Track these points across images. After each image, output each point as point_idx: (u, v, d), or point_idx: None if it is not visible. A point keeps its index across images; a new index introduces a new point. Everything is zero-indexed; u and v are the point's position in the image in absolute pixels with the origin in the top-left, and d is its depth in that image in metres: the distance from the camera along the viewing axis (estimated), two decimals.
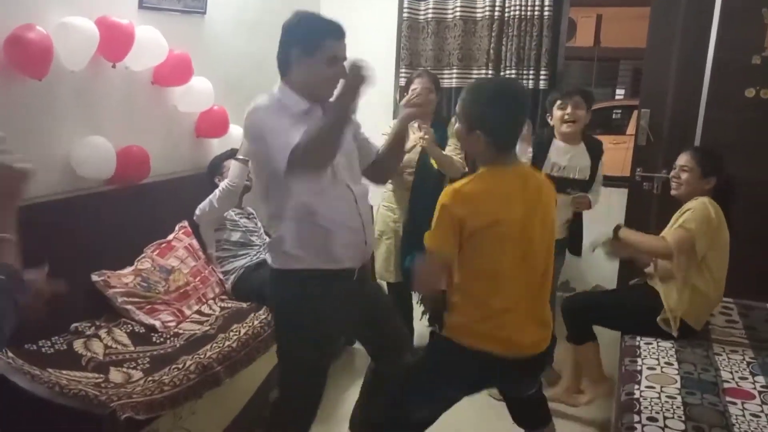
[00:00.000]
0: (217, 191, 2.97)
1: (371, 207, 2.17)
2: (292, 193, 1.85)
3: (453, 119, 3.31)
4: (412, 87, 2.92)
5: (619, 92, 10.41)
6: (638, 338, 2.53)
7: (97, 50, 2.55)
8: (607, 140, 7.67)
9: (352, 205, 1.94)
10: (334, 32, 1.84)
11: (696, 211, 2.51)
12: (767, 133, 3.39)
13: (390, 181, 3.05)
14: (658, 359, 2.36)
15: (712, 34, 3.43)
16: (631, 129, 7.45)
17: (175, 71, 2.97)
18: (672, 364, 2.32)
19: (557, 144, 2.97)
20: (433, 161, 2.91)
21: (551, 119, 3.02)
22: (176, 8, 3.04)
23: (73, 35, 2.44)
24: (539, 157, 2.92)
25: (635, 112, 7.06)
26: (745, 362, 2.35)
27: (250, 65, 3.58)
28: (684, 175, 2.63)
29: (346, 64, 1.78)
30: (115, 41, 2.61)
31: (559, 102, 2.94)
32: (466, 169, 2.91)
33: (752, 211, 3.37)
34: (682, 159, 2.67)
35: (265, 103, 1.88)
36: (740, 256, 2.74)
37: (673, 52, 3.54)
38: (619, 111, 8.63)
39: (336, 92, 1.81)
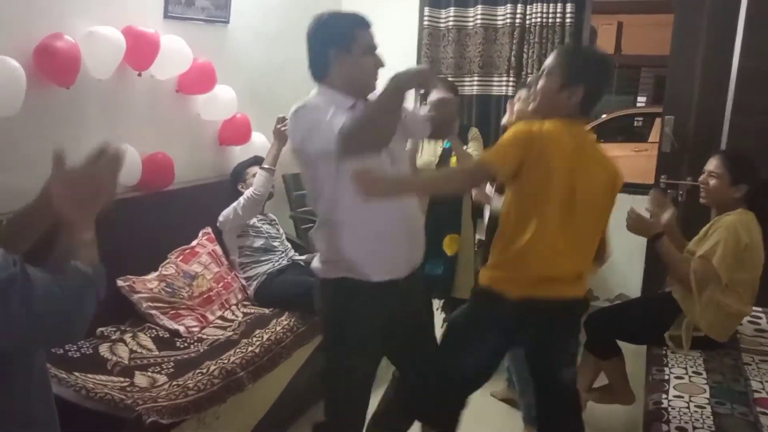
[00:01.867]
0: (241, 199, 2.99)
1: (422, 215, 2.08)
2: (341, 196, 1.79)
3: (473, 128, 3.32)
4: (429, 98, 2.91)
5: (641, 100, 10.30)
6: (664, 348, 2.48)
7: (124, 59, 2.59)
8: (629, 148, 7.68)
9: (403, 212, 1.88)
10: (362, 22, 1.83)
11: (723, 240, 2.34)
12: None
13: None
14: (686, 368, 2.32)
15: (737, 40, 3.39)
16: (653, 137, 7.38)
17: (199, 80, 3.00)
18: (700, 374, 2.28)
19: None
20: (452, 164, 2.91)
21: None
22: (200, 17, 3.08)
23: (101, 44, 2.48)
24: None
25: (657, 120, 7.02)
26: None
27: (273, 73, 3.61)
28: (712, 182, 2.49)
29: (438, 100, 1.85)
30: (141, 50, 2.65)
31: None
32: None
33: None
34: (712, 164, 2.53)
35: (307, 102, 1.83)
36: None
37: (698, 58, 3.50)
38: (641, 119, 8.53)
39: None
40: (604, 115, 8.23)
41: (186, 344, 2.53)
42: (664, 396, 2.12)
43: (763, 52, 3.32)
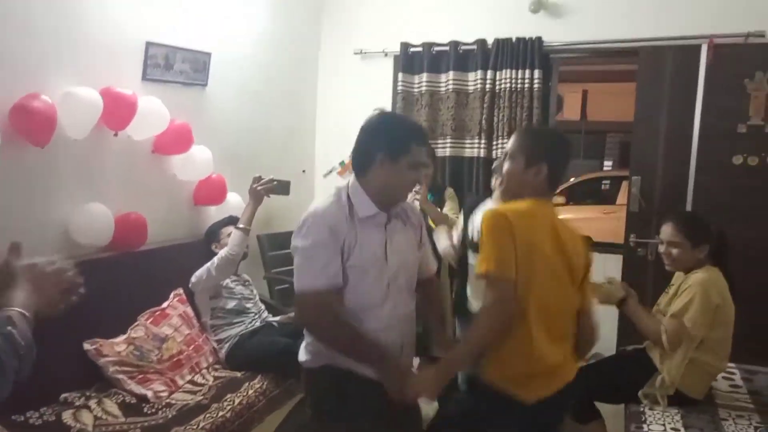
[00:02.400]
0: (215, 259, 2.96)
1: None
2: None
3: (449, 188, 3.38)
4: None
5: (607, 164, 10.62)
6: (642, 405, 2.47)
7: (100, 119, 2.61)
8: (597, 210, 7.84)
9: (394, 320, 1.82)
10: (420, 137, 1.82)
11: (694, 299, 2.35)
12: (756, 197, 3.45)
13: None
14: (664, 425, 2.30)
15: (698, 104, 3.55)
16: (620, 199, 7.56)
17: (175, 140, 3.03)
18: (678, 430, 2.26)
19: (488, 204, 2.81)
20: (430, 221, 2.94)
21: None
22: (178, 80, 3.13)
23: (78, 105, 2.50)
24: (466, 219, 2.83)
25: (624, 183, 7.22)
26: (752, 427, 2.29)
27: (250, 134, 3.66)
28: (674, 251, 2.49)
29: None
30: (118, 111, 2.67)
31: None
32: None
33: (748, 271, 3.39)
34: (666, 233, 2.53)
35: (322, 210, 1.77)
36: (738, 317, 2.72)
37: (661, 121, 3.65)
38: (608, 182, 8.77)
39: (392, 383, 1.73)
40: (572, 179, 8.45)
41: (154, 410, 2.43)
42: None
43: (724, 115, 3.48)
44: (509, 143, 1.93)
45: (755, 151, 3.47)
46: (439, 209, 3.08)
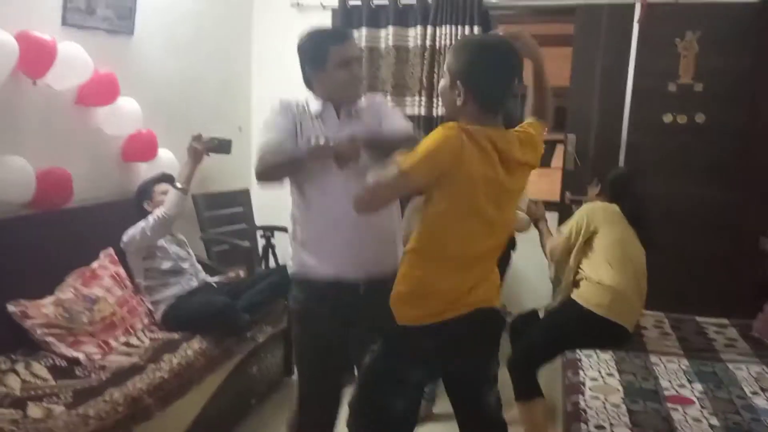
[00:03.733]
0: (150, 219, 2.81)
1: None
2: (300, 192, 1.95)
3: None
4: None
5: None
6: (578, 352, 2.55)
7: (17, 66, 2.41)
8: (533, 173, 7.99)
9: (348, 213, 1.76)
10: (336, 37, 1.95)
11: (572, 218, 2.78)
12: (685, 154, 3.59)
13: None
14: (599, 371, 2.39)
15: (631, 63, 3.63)
16: (555, 162, 7.72)
17: (100, 91, 2.85)
18: (613, 375, 2.35)
19: None
20: None
21: None
22: (102, 27, 2.92)
23: None
24: None
25: (558, 146, 7.36)
26: (681, 370, 2.41)
27: (180, 87, 3.49)
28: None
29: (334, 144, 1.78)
30: (36, 57, 2.48)
31: None
32: None
33: (672, 226, 3.55)
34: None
35: (286, 98, 2.01)
36: (663, 269, 2.85)
37: (595, 80, 3.72)
38: (543, 146, 8.94)
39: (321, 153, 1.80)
40: None
41: (86, 373, 2.32)
42: (581, 397, 2.16)
43: (655, 74, 3.57)
44: None
45: (684, 110, 3.60)
46: None
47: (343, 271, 1.92)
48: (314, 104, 1.98)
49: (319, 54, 1.90)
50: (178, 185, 2.85)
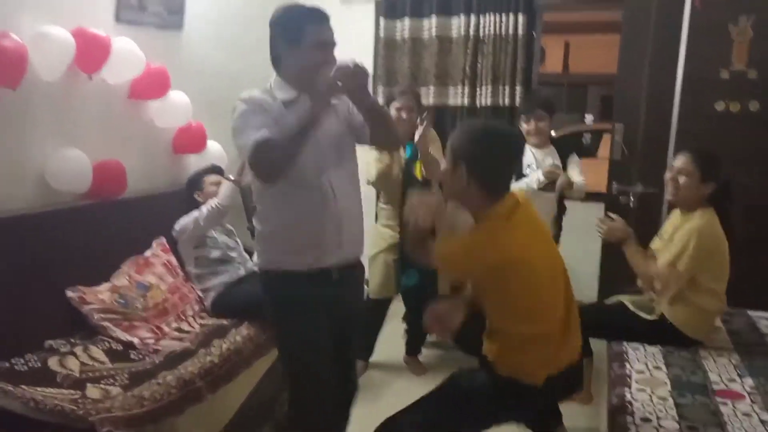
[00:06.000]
0: (204, 209, 2.90)
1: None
2: (264, 186, 1.88)
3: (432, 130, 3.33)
4: (394, 104, 3.03)
5: (588, 117, 10.62)
6: (624, 344, 2.52)
7: (74, 61, 2.51)
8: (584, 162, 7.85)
9: (327, 202, 1.87)
10: (315, 17, 1.84)
11: (688, 247, 2.36)
12: (738, 144, 3.47)
13: (383, 198, 3.16)
14: (646, 363, 2.35)
15: (681, 49, 3.53)
16: (602, 152, 7.58)
17: (152, 85, 2.94)
18: (660, 368, 2.31)
19: (529, 149, 3.24)
20: (417, 171, 2.93)
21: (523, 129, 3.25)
22: (153, 22, 3.01)
23: (49, 45, 2.41)
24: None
25: (605, 136, 7.21)
26: (732, 365, 2.34)
27: (229, 80, 3.55)
28: (682, 179, 2.44)
29: (338, 66, 1.75)
30: (91, 53, 2.58)
31: (523, 116, 3.25)
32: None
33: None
34: (681, 161, 2.48)
35: (249, 95, 1.88)
36: None
37: (645, 67, 3.62)
38: (589, 135, 8.78)
39: (321, 87, 1.77)
40: (553, 132, 8.42)
41: (141, 356, 2.42)
42: (627, 390, 2.13)
43: (707, 60, 3.46)
44: None
45: (737, 98, 3.47)
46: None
47: (319, 260, 1.90)
48: (282, 91, 1.89)
49: (294, 30, 1.82)
50: (231, 177, 2.94)
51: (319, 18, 1.85)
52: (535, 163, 3.19)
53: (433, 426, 1.82)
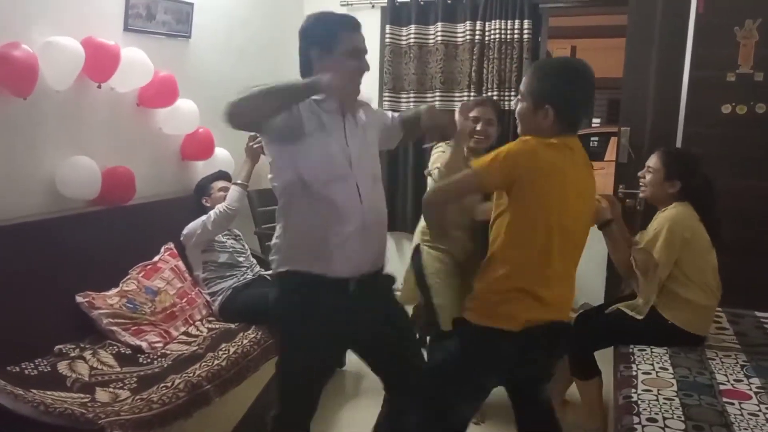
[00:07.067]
0: (212, 214, 2.94)
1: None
2: (304, 189, 1.82)
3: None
4: (472, 114, 2.74)
5: (595, 121, 10.61)
6: (631, 345, 2.52)
7: (83, 70, 2.55)
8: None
9: (355, 209, 1.82)
10: (349, 24, 1.83)
11: (661, 232, 2.45)
12: (745, 146, 3.46)
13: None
14: (652, 365, 2.35)
15: (687, 52, 3.53)
16: (608, 155, 7.57)
17: (160, 93, 2.98)
18: (667, 369, 2.31)
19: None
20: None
21: None
22: (161, 31, 3.06)
23: (59, 54, 2.45)
24: None
25: (612, 139, 7.20)
26: (738, 365, 2.34)
27: (236, 87, 3.57)
28: (648, 176, 2.62)
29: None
30: (100, 62, 2.62)
31: None
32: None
33: (733, 220, 3.43)
34: (651, 160, 2.64)
35: None
36: (725, 265, 2.76)
37: (651, 70, 3.62)
38: (597, 139, 8.77)
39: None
40: None
41: (149, 360, 2.44)
42: (633, 390, 2.13)
43: (713, 63, 3.46)
44: (522, 81, 1.83)
45: (744, 100, 3.46)
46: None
47: (338, 269, 1.83)
48: (318, 101, 1.86)
49: (328, 37, 1.80)
50: (239, 182, 2.98)
51: (353, 25, 1.85)
52: None
53: (434, 405, 1.86)
